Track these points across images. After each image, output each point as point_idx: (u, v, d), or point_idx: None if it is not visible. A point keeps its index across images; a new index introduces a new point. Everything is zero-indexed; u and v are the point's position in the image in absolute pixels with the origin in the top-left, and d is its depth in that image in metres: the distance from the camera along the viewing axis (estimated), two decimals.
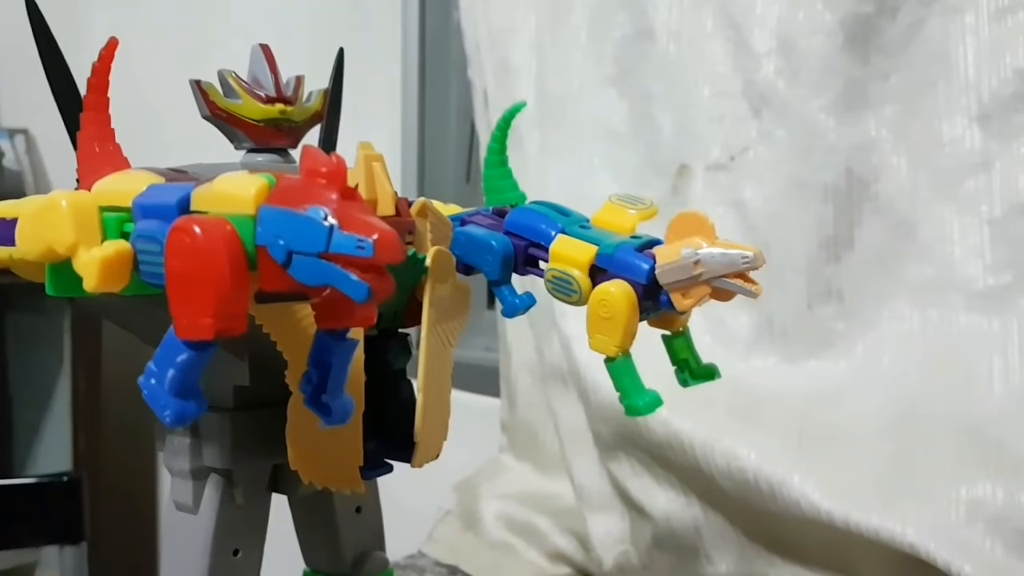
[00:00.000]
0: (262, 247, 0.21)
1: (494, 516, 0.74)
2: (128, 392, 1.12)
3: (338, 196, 0.21)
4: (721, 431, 0.52)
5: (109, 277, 0.23)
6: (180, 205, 0.23)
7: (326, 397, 0.25)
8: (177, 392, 0.22)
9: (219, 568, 0.32)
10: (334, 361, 0.25)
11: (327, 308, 0.24)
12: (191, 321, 0.21)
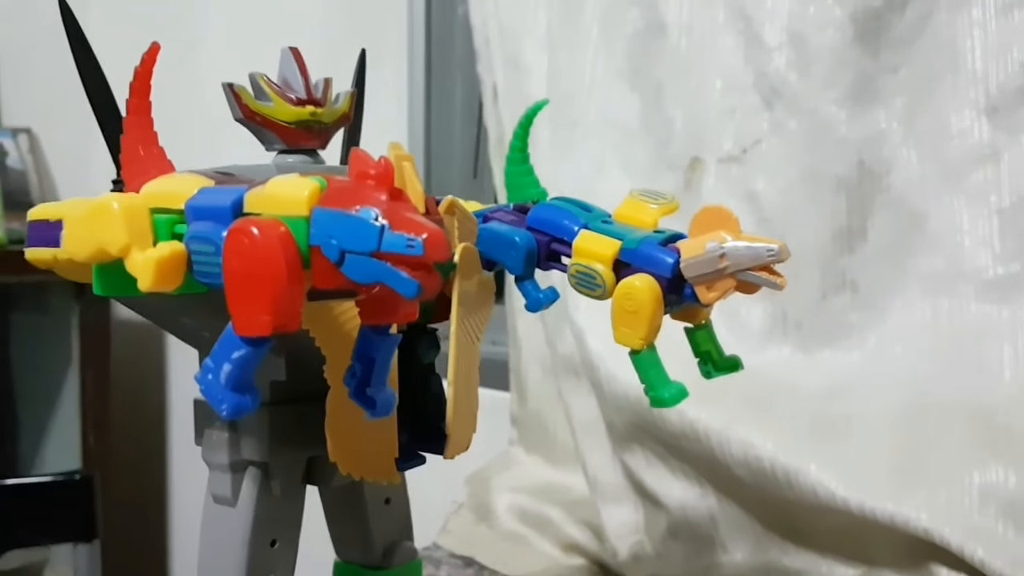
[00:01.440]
0: (315, 247, 0.22)
1: (506, 508, 0.74)
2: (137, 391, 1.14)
3: (387, 197, 0.21)
4: (736, 421, 0.53)
5: (164, 277, 0.24)
6: (234, 207, 0.23)
7: (371, 391, 0.25)
8: (234, 386, 0.23)
9: (257, 559, 0.33)
10: (377, 356, 0.25)
11: (373, 305, 0.24)
12: (250, 318, 0.22)
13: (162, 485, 1.31)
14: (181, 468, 1.30)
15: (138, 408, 1.29)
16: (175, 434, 1.30)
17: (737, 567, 0.54)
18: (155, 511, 1.31)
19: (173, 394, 1.30)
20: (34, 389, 1.25)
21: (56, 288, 1.17)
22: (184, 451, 1.28)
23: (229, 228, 0.22)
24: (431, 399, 0.35)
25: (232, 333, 0.22)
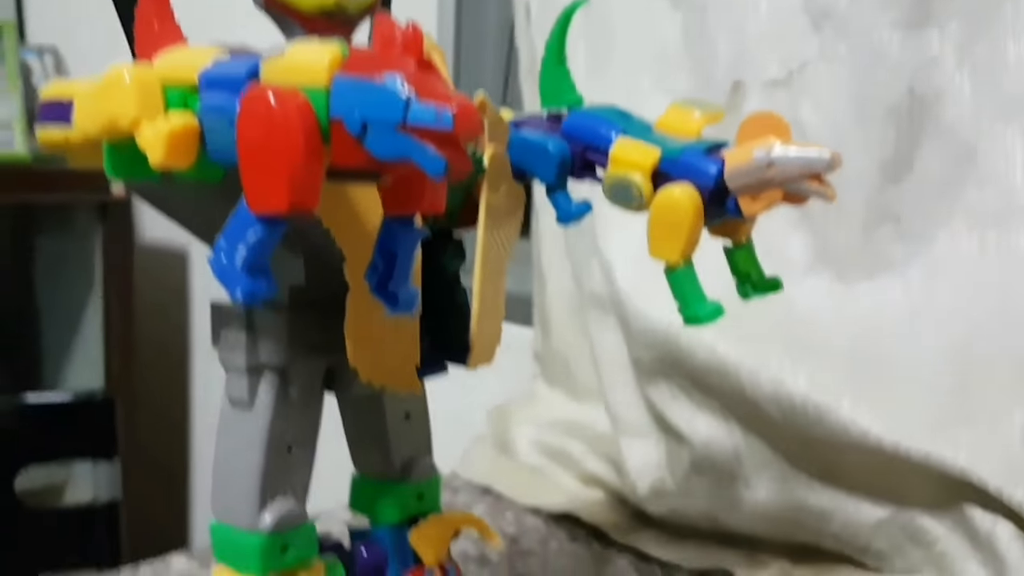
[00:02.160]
0: (336, 120, 0.20)
1: (527, 441, 0.74)
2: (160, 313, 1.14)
3: (415, 66, 0.20)
4: (769, 357, 0.51)
5: (176, 152, 0.22)
6: (250, 76, 0.22)
7: (392, 285, 0.24)
8: (248, 270, 0.21)
9: (273, 463, 0.32)
10: (400, 250, 0.24)
11: (396, 192, 0.23)
12: (265, 193, 0.21)
13: (184, 406, 1.32)
14: (203, 389, 1.31)
15: (161, 330, 1.30)
16: (197, 356, 1.31)
17: (760, 504, 0.53)
18: (176, 431, 1.32)
19: (196, 317, 1.30)
20: (58, 310, 1.25)
21: (80, 209, 1.17)
22: (206, 373, 1.29)
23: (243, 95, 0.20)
24: (455, 309, 0.33)
25: (246, 211, 0.21)
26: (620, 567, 0.56)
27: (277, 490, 0.32)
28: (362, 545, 0.36)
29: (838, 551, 0.51)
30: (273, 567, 0.32)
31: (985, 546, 0.44)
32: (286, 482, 0.32)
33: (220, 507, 0.33)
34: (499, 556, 0.58)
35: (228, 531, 0.32)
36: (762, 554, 0.55)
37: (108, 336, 1.08)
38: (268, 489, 0.32)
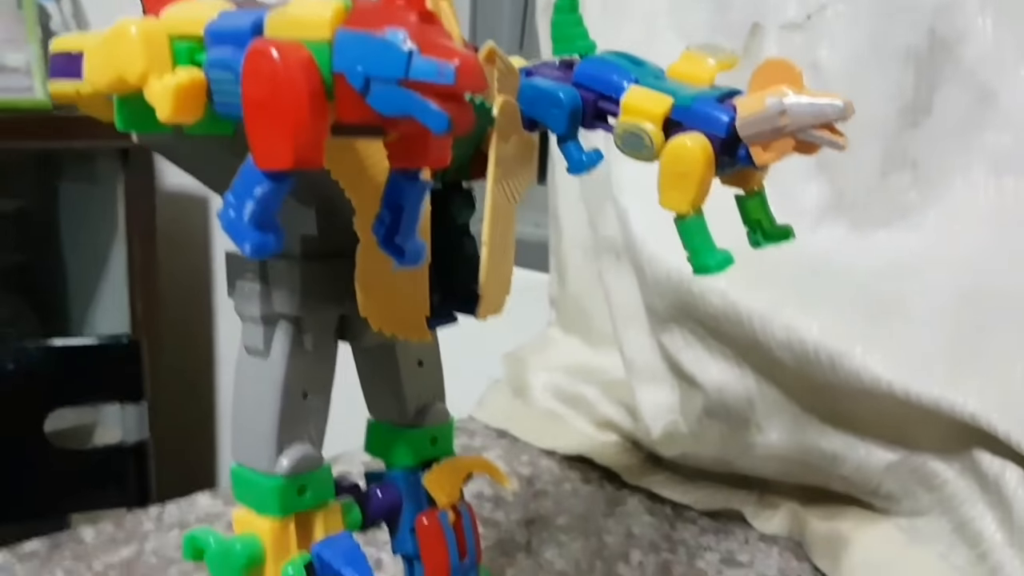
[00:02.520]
0: (339, 74, 0.20)
1: (542, 386, 0.75)
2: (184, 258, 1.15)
3: (417, 19, 0.20)
4: (782, 303, 0.51)
5: (183, 106, 0.22)
6: (254, 30, 0.22)
7: (399, 239, 0.24)
8: (256, 224, 0.22)
9: (289, 409, 0.33)
10: (406, 203, 0.24)
11: (402, 146, 0.23)
12: (270, 150, 0.21)
13: (208, 348, 1.34)
14: (227, 332, 1.33)
15: (184, 275, 1.31)
16: (220, 300, 1.32)
17: (772, 447, 0.54)
18: (202, 373, 1.34)
19: (218, 262, 1.32)
20: (82, 256, 1.27)
21: (101, 156, 1.17)
22: (230, 316, 1.30)
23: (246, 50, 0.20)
24: (464, 260, 0.34)
25: (252, 166, 0.21)
26: (632, 507, 0.58)
27: (294, 435, 0.33)
28: (377, 488, 0.37)
29: (847, 493, 0.52)
30: (291, 508, 0.33)
31: (993, 489, 0.45)
32: (302, 427, 0.33)
33: (239, 451, 0.34)
34: (514, 496, 0.59)
35: (248, 474, 0.33)
36: (772, 496, 0.56)
37: (132, 281, 1.10)
38: (285, 434, 0.33)
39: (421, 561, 0.37)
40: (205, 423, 1.35)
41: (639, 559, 0.51)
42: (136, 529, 0.53)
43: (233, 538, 0.33)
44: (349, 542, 0.33)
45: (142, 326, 1.07)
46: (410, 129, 0.21)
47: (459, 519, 0.38)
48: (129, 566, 0.48)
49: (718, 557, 0.51)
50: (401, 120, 0.20)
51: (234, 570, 0.33)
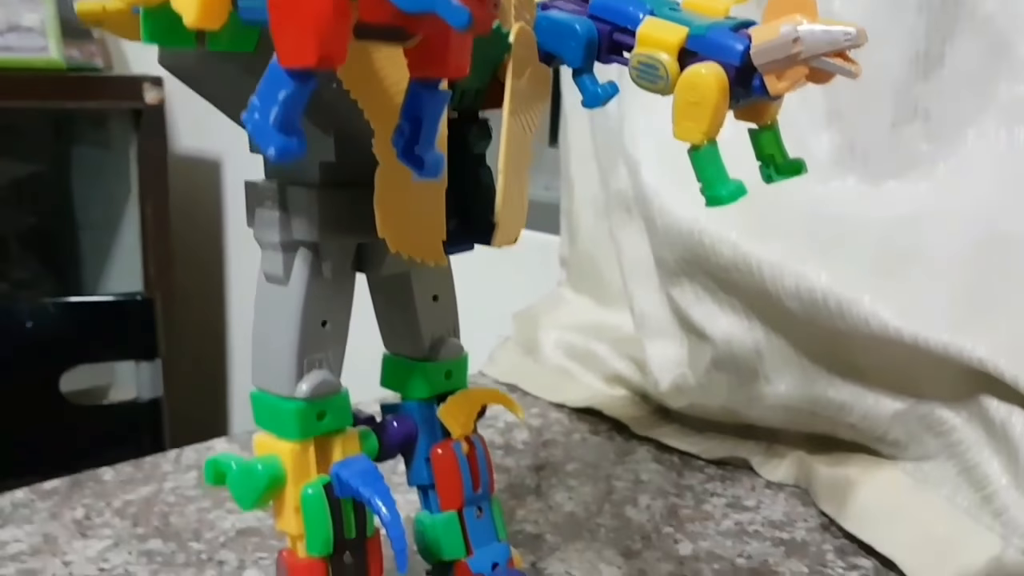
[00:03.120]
0: None
1: (553, 344, 0.76)
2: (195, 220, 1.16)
3: None
4: (792, 254, 0.52)
5: (208, 10, 0.23)
6: None
7: (419, 148, 0.25)
8: (280, 127, 0.22)
9: (308, 336, 0.33)
10: (425, 113, 0.25)
11: (422, 53, 0.23)
12: (294, 47, 0.21)
13: (221, 308, 1.35)
14: (238, 293, 1.34)
15: (197, 237, 1.32)
16: (232, 262, 1.33)
17: (780, 398, 0.54)
18: (214, 332, 1.36)
19: (230, 224, 1.32)
20: (95, 217, 1.28)
21: (114, 117, 1.18)
22: (241, 278, 1.31)
23: None
24: (480, 190, 0.34)
25: (277, 68, 0.22)
26: (640, 456, 0.58)
27: (312, 361, 0.34)
28: (393, 418, 0.38)
29: (854, 440, 0.53)
30: (311, 432, 0.34)
31: (1000, 435, 0.45)
32: (321, 354, 0.34)
33: (259, 377, 0.35)
34: (523, 445, 0.60)
35: (268, 399, 0.34)
36: (779, 445, 0.57)
37: (145, 242, 1.11)
38: (304, 360, 0.33)
39: (436, 490, 0.38)
40: (218, 380, 1.36)
41: (647, 503, 0.51)
42: (155, 471, 0.54)
43: (255, 459, 0.34)
44: (366, 463, 0.34)
45: (155, 285, 1.08)
46: (431, 30, 0.21)
47: (473, 450, 0.39)
48: (148, 503, 0.49)
49: (724, 501, 0.52)
50: (423, 18, 0.21)
51: (256, 491, 0.33)
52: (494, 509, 0.40)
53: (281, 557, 0.35)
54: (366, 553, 0.35)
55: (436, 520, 0.38)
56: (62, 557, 0.43)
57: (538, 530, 0.48)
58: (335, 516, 0.34)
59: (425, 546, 0.38)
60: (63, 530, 0.46)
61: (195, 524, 0.47)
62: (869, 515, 0.47)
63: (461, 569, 0.38)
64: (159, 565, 0.43)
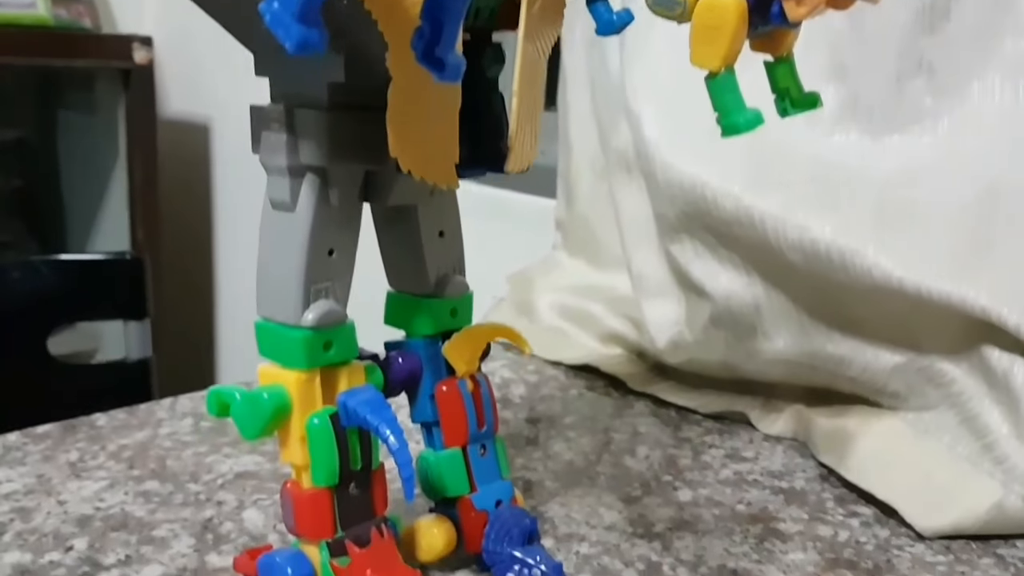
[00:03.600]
0: None
1: (548, 305, 0.75)
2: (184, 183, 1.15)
3: None
4: (795, 207, 0.52)
5: None
6: None
7: (439, 50, 0.24)
8: (300, 17, 0.22)
9: (315, 264, 0.33)
10: (446, 14, 0.24)
11: None
12: None
13: (209, 270, 1.34)
14: (227, 251, 1.33)
15: (185, 199, 1.31)
16: (221, 221, 1.32)
17: (778, 353, 0.54)
18: (202, 294, 1.34)
19: (218, 186, 1.31)
20: (82, 180, 1.26)
21: (103, 76, 1.16)
22: (230, 235, 1.30)
23: None
24: (493, 116, 0.34)
25: None
26: (638, 410, 0.58)
27: (319, 291, 0.33)
28: (398, 355, 0.38)
29: (853, 393, 0.53)
30: (317, 362, 0.33)
31: (1001, 385, 0.45)
32: (327, 284, 0.34)
33: (265, 306, 0.34)
34: (520, 399, 0.60)
35: (273, 328, 0.34)
36: (777, 399, 0.57)
37: (133, 203, 1.09)
38: (310, 288, 0.33)
39: (440, 428, 0.38)
40: (206, 341, 1.35)
41: (645, 453, 0.51)
42: (149, 417, 0.53)
43: (260, 388, 0.33)
44: (373, 392, 0.34)
45: (143, 247, 1.06)
46: None
47: (477, 388, 0.39)
48: (144, 447, 0.49)
49: (723, 453, 0.52)
50: None
51: (261, 420, 0.33)
52: (498, 448, 0.39)
53: (286, 488, 0.34)
54: (371, 485, 0.35)
55: (440, 457, 0.38)
56: (56, 497, 0.43)
57: (537, 477, 0.48)
58: (341, 447, 0.34)
59: (429, 483, 0.38)
60: (57, 471, 0.45)
61: (192, 467, 0.47)
62: (869, 464, 0.47)
63: (465, 506, 0.38)
64: (156, 505, 0.43)
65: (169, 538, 0.40)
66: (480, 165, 0.33)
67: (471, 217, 0.38)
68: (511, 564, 0.36)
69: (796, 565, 0.40)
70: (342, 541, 0.34)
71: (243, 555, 0.37)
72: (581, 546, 0.40)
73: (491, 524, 0.37)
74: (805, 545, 0.41)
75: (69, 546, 0.38)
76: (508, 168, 0.32)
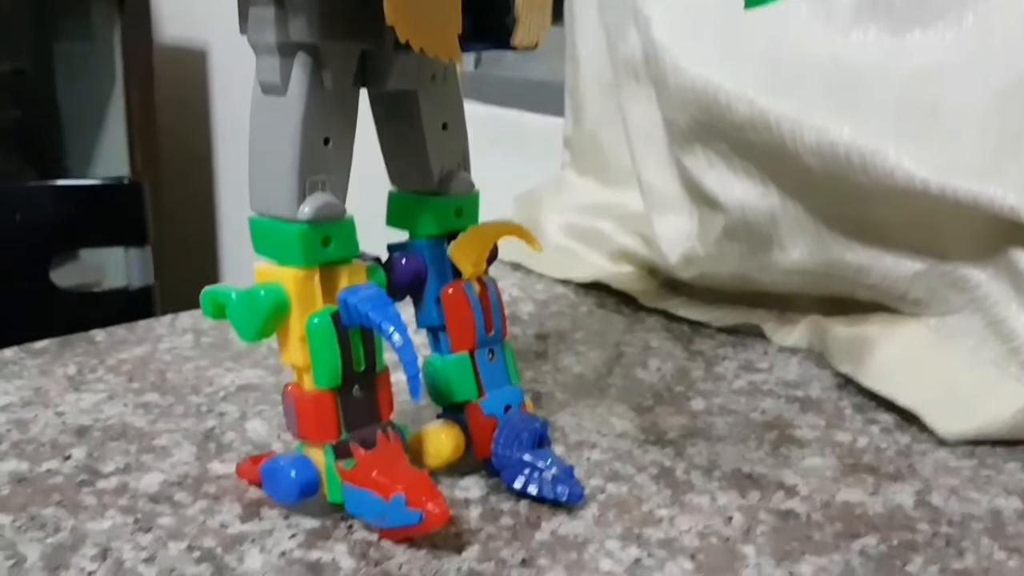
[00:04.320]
0: None
1: (556, 226, 0.73)
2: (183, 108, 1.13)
3: None
4: (813, 108, 0.49)
5: None
6: None
7: None
8: None
9: (310, 152, 0.31)
10: None
11: None
12: None
13: (210, 195, 1.32)
14: (227, 177, 1.31)
15: (183, 125, 1.29)
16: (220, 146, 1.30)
17: (794, 264, 0.53)
18: (204, 219, 1.33)
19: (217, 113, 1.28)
20: (79, 110, 1.24)
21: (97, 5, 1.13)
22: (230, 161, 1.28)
23: None
24: None
25: None
26: (650, 326, 0.57)
27: (315, 183, 0.32)
28: (401, 256, 0.36)
29: (872, 301, 0.51)
30: (315, 259, 0.32)
31: None
32: (323, 176, 0.32)
33: (258, 200, 0.32)
34: (528, 316, 0.58)
35: (268, 223, 0.32)
36: (792, 311, 0.55)
37: (131, 130, 1.07)
38: (306, 180, 0.31)
39: (446, 332, 0.37)
40: (208, 267, 1.34)
41: (657, 366, 0.50)
42: (149, 333, 0.52)
43: (256, 286, 0.32)
44: (375, 289, 0.32)
45: (142, 174, 1.04)
46: None
47: (485, 291, 0.37)
48: (143, 361, 0.48)
49: (736, 364, 0.51)
50: None
51: (259, 318, 0.32)
52: (506, 353, 0.38)
53: (287, 391, 0.33)
54: (376, 388, 0.34)
55: (447, 361, 0.36)
56: (54, 408, 0.42)
57: (547, 389, 0.46)
58: (343, 346, 0.32)
59: (436, 388, 0.37)
60: (55, 385, 0.44)
61: (193, 380, 0.46)
62: (889, 370, 0.45)
63: (473, 411, 0.36)
64: (156, 416, 0.42)
65: (170, 447, 0.39)
66: (485, 39, 0.31)
67: (477, 139, 0.37)
68: (521, 468, 0.35)
69: (813, 470, 0.39)
70: (347, 443, 0.33)
71: (245, 461, 0.36)
72: (592, 453, 0.39)
73: (500, 428, 0.36)
74: (823, 451, 0.40)
75: (67, 455, 0.37)
76: (515, 42, 0.30)
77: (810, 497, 0.36)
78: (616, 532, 0.33)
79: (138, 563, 0.30)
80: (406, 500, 0.31)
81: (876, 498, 0.36)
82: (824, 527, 0.34)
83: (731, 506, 0.35)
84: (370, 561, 0.31)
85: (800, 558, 0.32)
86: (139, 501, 0.34)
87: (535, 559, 0.31)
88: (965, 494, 0.37)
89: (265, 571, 0.30)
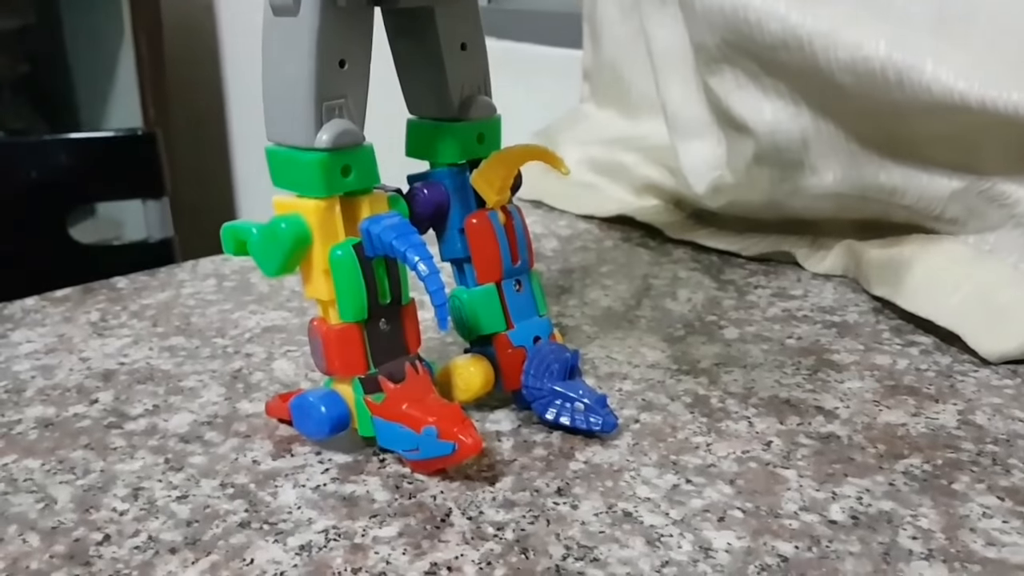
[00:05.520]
0: None
1: (577, 160, 0.72)
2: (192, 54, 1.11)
3: None
4: (845, 23, 0.47)
5: None
6: None
7: None
8: None
9: (326, 76, 0.30)
10: None
11: None
12: None
13: (224, 142, 1.31)
14: (241, 123, 1.29)
15: (194, 71, 1.27)
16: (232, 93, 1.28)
17: (827, 187, 0.51)
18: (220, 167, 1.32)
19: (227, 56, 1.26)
20: (89, 61, 1.22)
21: None
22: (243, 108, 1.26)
23: None
24: None
25: None
26: (678, 257, 0.56)
27: (332, 108, 0.30)
28: (422, 186, 0.35)
29: (908, 222, 0.50)
30: (335, 189, 0.31)
31: None
32: (340, 100, 0.31)
33: (274, 129, 0.31)
34: (552, 252, 0.57)
35: (286, 153, 0.31)
36: (825, 237, 0.54)
37: (142, 79, 1.06)
38: (322, 105, 0.30)
39: (471, 264, 0.36)
40: (227, 217, 1.34)
41: (687, 296, 0.49)
42: (171, 279, 0.51)
43: (276, 218, 0.31)
44: (398, 218, 0.31)
45: (155, 124, 1.03)
46: None
47: (510, 220, 0.36)
48: (167, 306, 0.47)
49: (769, 292, 0.50)
50: None
51: (281, 252, 0.31)
52: (534, 284, 0.37)
53: (313, 326, 0.32)
54: (403, 320, 0.33)
55: (474, 294, 0.36)
56: (79, 354, 0.41)
57: (574, 323, 0.46)
58: (368, 278, 0.31)
59: (463, 322, 0.36)
60: (78, 331, 0.44)
61: (218, 323, 0.45)
62: (928, 290, 0.44)
63: (501, 343, 0.36)
64: (183, 358, 0.41)
65: (198, 388, 0.38)
66: None
67: (492, 75, 0.35)
68: (552, 399, 0.34)
69: (853, 393, 0.38)
70: (375, 377, 0.32)
71: (274, 399, 0.35)
72: (624, 384, 0.39)
73: (530, 360, 0.35)
74: (862, 374, 0.39)
75: (94, 399, 0.37)
76: None
77: (850, 420, 0.35)
78: (652, 460, 0.32)
79: (171, 501, 0.30)
80: (438, 432, 0.30)
81: (918, 419, 0.35)
82: (866, 449, 0.33)
83: (769, 431, 0.34)
84: (404, 493, 0.30)
85: (843, 480, 0.31)
86: (169, 441, 0.34)
87: (571, 488, 0.31)
88: (1009, 412, 0.36)
89: (300, 504, 0.29)
